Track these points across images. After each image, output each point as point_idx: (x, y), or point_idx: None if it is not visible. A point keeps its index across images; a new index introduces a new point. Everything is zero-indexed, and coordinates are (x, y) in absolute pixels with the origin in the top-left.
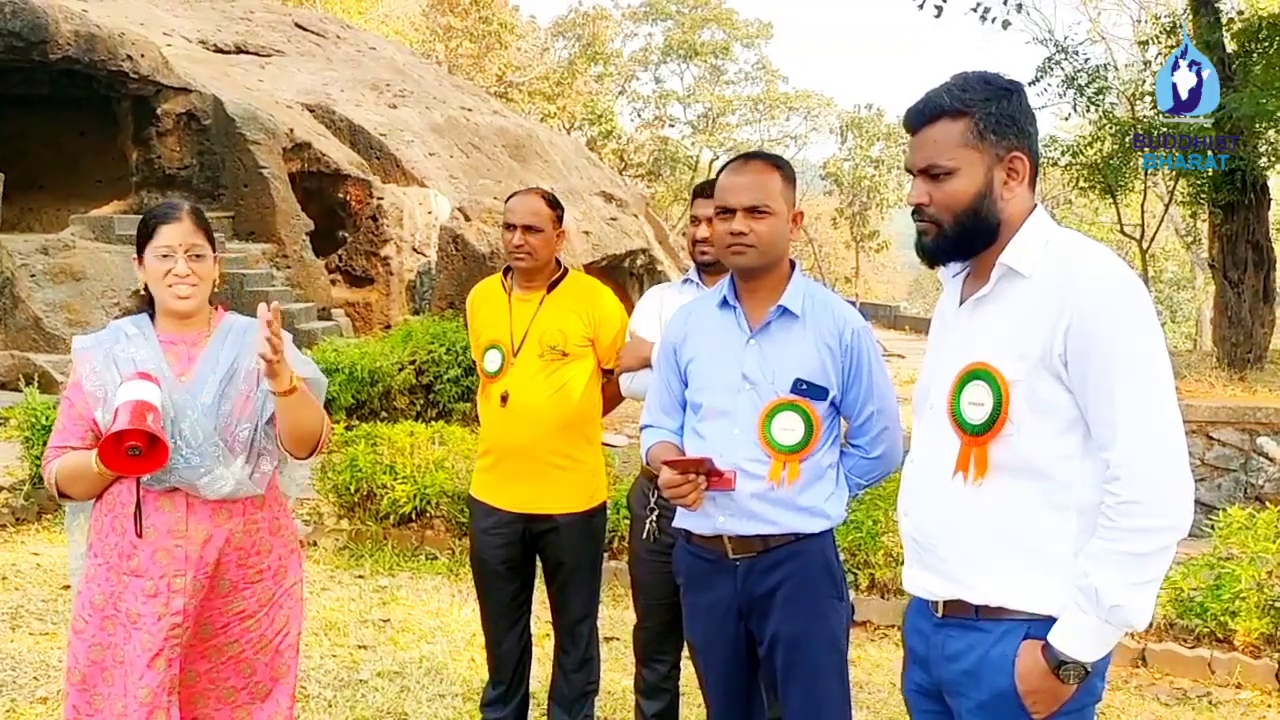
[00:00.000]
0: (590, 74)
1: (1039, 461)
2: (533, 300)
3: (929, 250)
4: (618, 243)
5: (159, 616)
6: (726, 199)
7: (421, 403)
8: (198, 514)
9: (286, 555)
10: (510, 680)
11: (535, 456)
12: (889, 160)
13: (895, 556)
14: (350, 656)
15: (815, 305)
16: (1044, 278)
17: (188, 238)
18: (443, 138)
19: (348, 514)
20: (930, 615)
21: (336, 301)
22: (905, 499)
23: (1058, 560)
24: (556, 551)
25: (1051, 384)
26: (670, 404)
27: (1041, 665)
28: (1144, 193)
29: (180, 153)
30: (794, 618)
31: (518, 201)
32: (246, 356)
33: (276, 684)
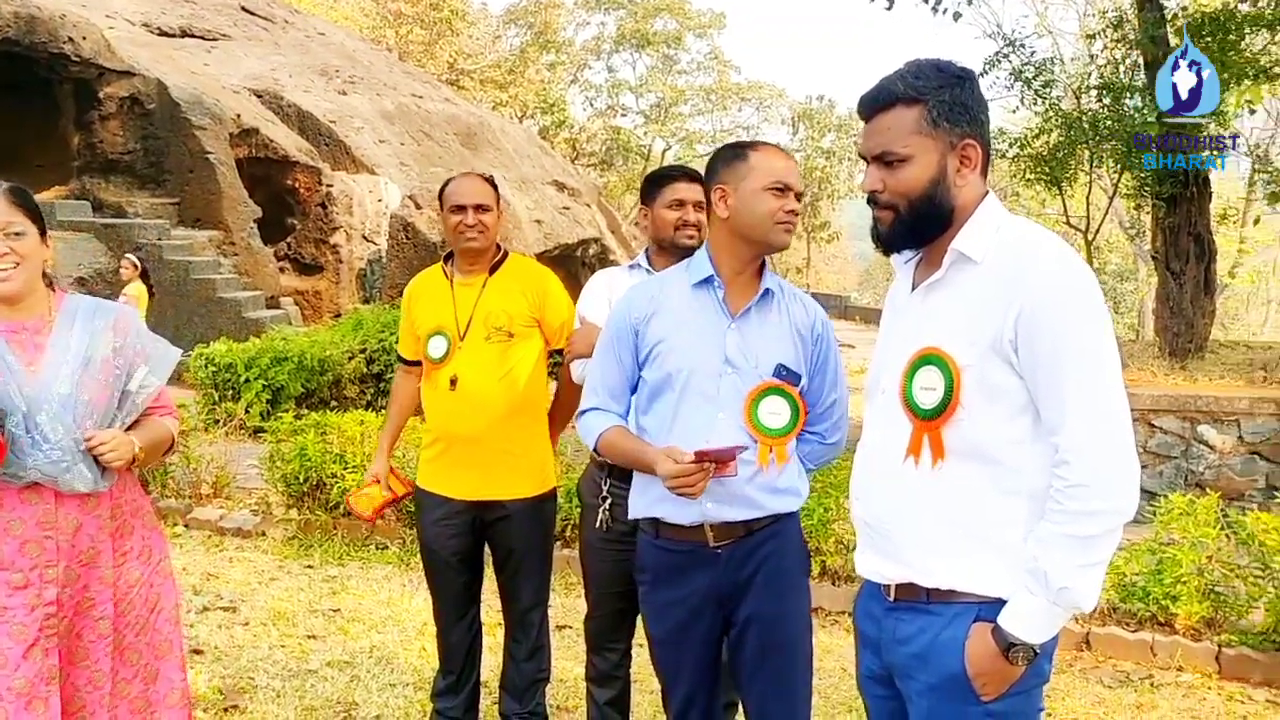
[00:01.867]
0: (542, 62)
1: (989, 446)
2: (475, 283)
3: (884, 237)
4: (570, 231)
5: (31, 608)
6: (788, 178)
7: (372, 392)
8: (66, 505)
9: (149, 533)
10: (461, 670)
11: (486, 442)
12: (840, 151)
13: (846, 544)
14: (299, 646)
15: (786, 294)
16: (996, 264)
17: (3, 215)
18: (393, 125)
19: (296, 504)
20: (882, 599)
21: (285, 290)
22: (857, 484)
23: (1007, 544)
24: (507, 539)
25: (1002, 369)
26: (620, 386)
27: (991, 647)
28: (1089, 185)
29: (123, 137)
30: (772, 597)
31: (463, 184)
32: (101, 342)
33: (161, 660)
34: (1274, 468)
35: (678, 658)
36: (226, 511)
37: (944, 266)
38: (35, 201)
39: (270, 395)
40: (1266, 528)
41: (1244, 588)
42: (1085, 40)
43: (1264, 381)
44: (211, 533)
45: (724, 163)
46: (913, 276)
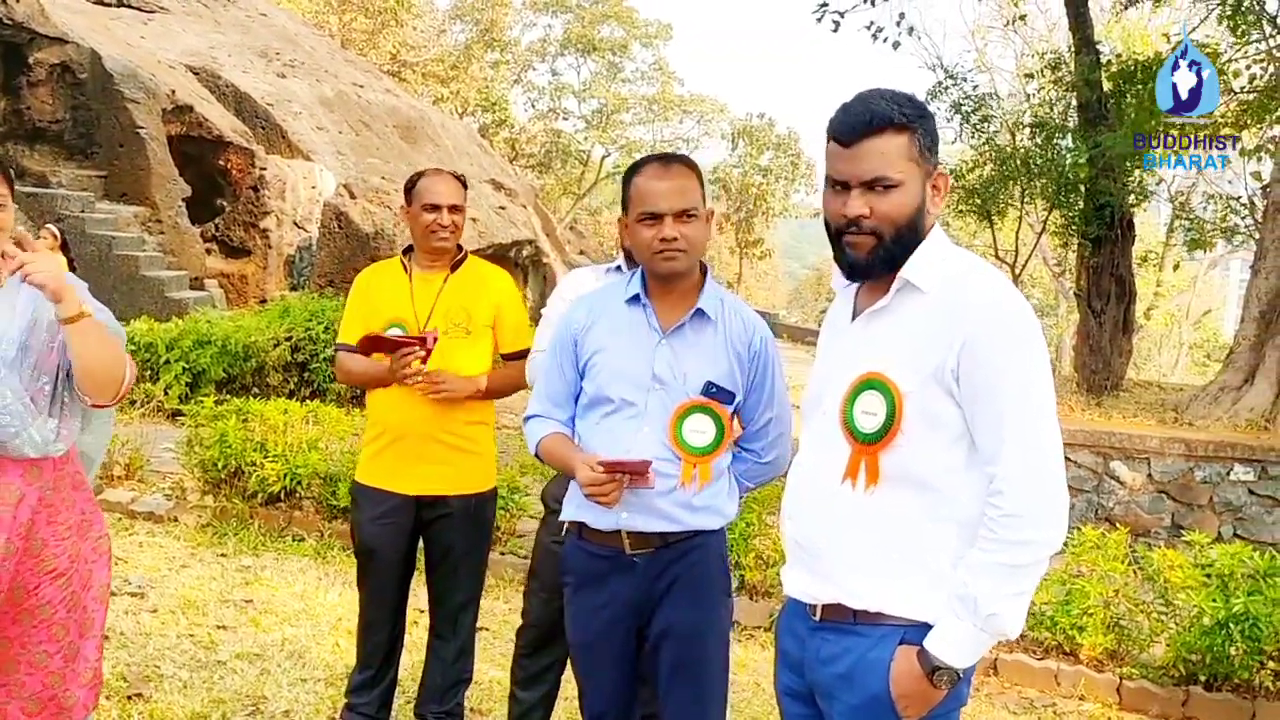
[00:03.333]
0: (486, 60)
1: (925, 473)
2: (435, 280)
3: (860, 264)
4: (504, 232)
5: None
6: (657, 204)
7: (295, 381)
8: (9, 474)
9: (89, 509)
10: (379, 666)
11: (435, 436)
12: (777, 170)
13: (766, 559)
14: (209, 637)
15: (726, 310)
16: (940, 294)
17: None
18: (332, 112)
19: (213, 490)
20: (806, 618)
21: (210, 271)
22: (790, 502)
23: (936, 569)
24: (447, 536)
25: (942, 398)
26: (563, 394)
27: (916, 670)
28: (1019, 220)
29: (52, 105)
30: (688, 611)
31: (437, 183)
32: (47, 305)
33: (83, 639)
34: (1179, 507)
35: (595, 665)
36: (138, 494)
37: (891, 294)
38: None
39: (190, 378)
40: (1172, 565)
41: (1147, 622)
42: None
43: (1174, 422)
44: (122, 515)
45: (623, 191)
46: (854, 301)
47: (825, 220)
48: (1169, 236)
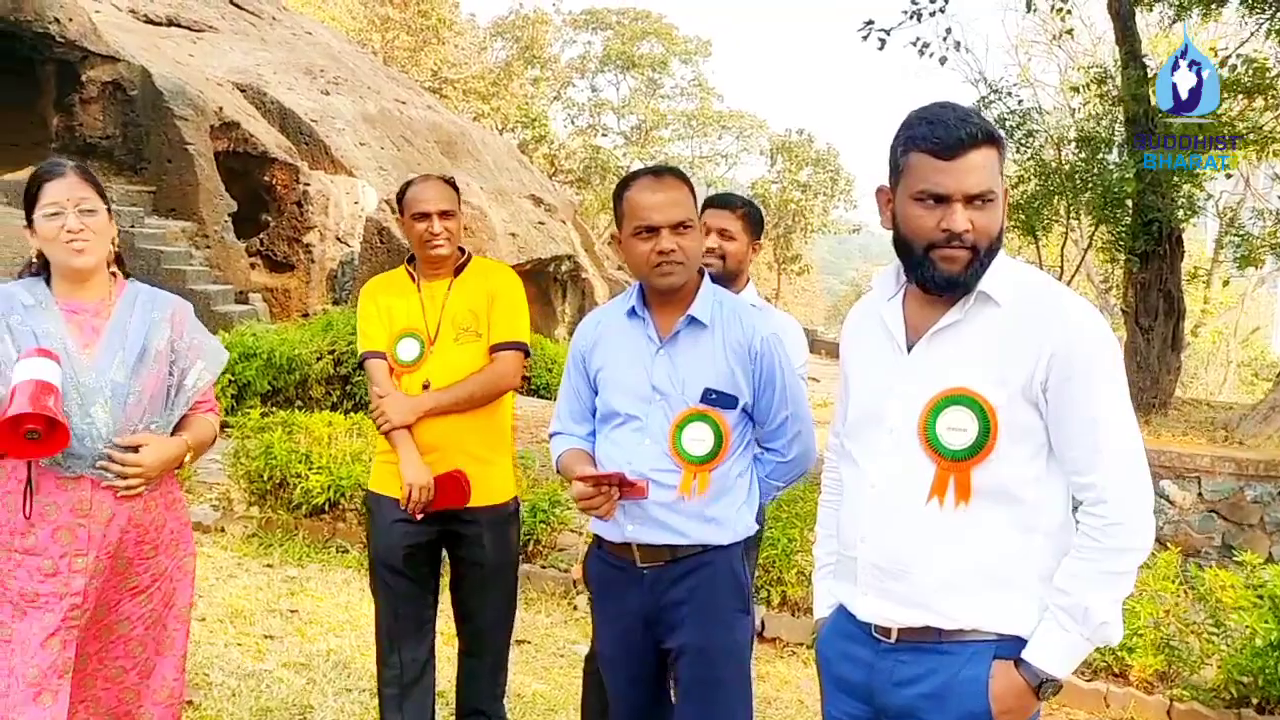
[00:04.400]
0: (527, 77)
1: (1013, 485)
2: (441, 285)
3: (957, 279)
4: (544, 247)
5: (59, 596)
6: (651, 218)
7: (338, 393)
8: (102, 494)
9: (180, 529)
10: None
11: (457, 448)
12: (816, 185)
13: (807, 575)
14: (256, 646)
15: (724, 314)
16: (1018, 306)
17: (75, 192)
18: (374, 128)
19: (259, 501)
20: (870, 641)
21: (255, 286)
22: (863, 525)
23: (1024, 582)
24: (475, 549)
25: (1028, 410)
26: (580, 411)
27: (1019, 683)
28: (1064, 236)
29: (103, 122)
30: (699, 630)
31: (426, 189)
32: (158, 334)
33: (161, 656)
34: (1230, 526)
35: (616, 675)
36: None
37: (963, 307)
38: (99, 180)
39: (236, 391)
40: (1224, 585)
41: (1198, 644)
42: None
43: (1225, 441)
44: None
45: (614, 206)
46: (905, 315)
47: (904, 238)
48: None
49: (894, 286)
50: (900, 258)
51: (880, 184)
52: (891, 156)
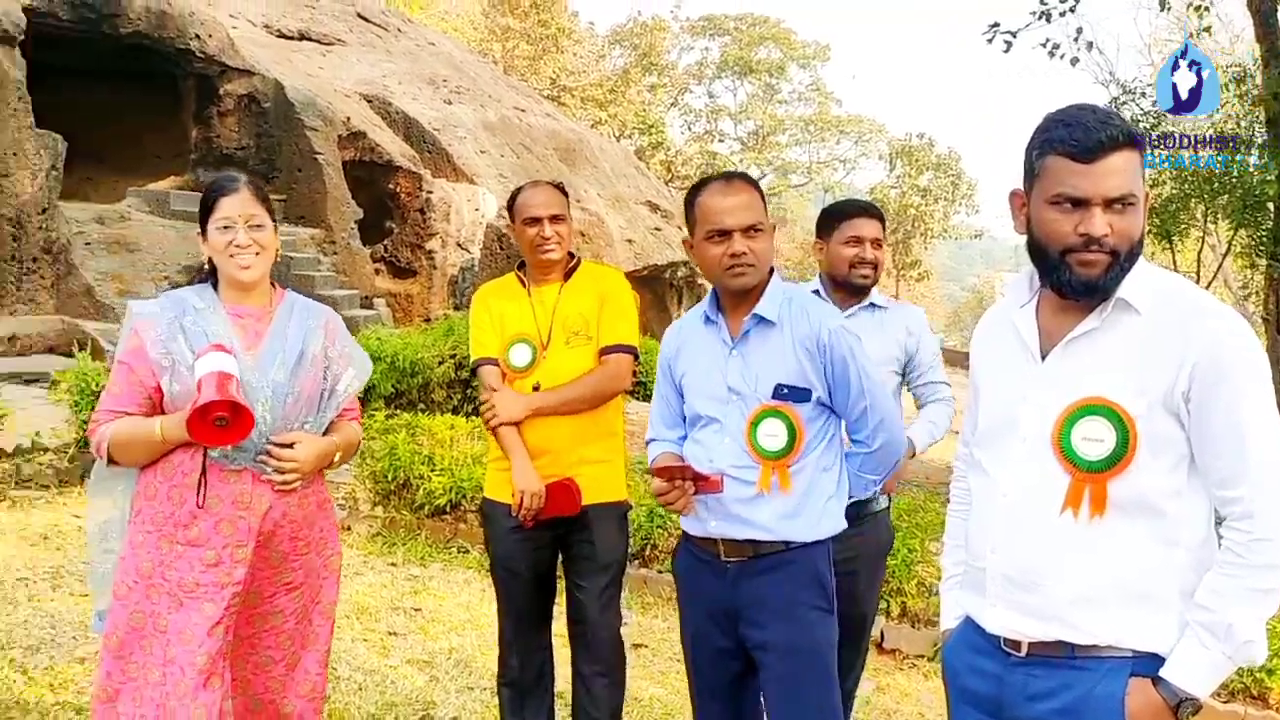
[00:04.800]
0: (644, 84)
1: (1153, 498)
2: (551, 290)
3: (1096, 285)
4: (660, 253)
5: (221, 586)
6: (724, 221)
7: (459, 397)
8: (261, 487)
9: (329, 527)
10: (530, 687)
11: (568, 452)
12: (936, 190)
13: (928, 586)
14: (381, 642)
15: (793, 310)
16: (1158, 313)
17: (246, 208)
18: (495, 136)
19: (383, 501)
20: (999, 654)
21: (379, 291)
22: (994, 535)
23: (1163, 597)
24: (585, 545)
25: (1169, 421)
26: (670, 417)
27: (1158, 702)
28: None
29: (239, 133)
30: (778, 627)
31: (536, 194)
32: (314, 340)
33: (305, 650)
34: None
35: (697, 666)
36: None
37: (1099, 315)
38: (268, 195)
39: (361, 393)
40: None
41: None
42: None
43: None
44: None
45: (685, 213)
46: (1039, 323)
47: (1039, 242)
48: None
49: (1027, 293)
50: (1035, 263)
51: (1014, 187)
52: (1027, 159)
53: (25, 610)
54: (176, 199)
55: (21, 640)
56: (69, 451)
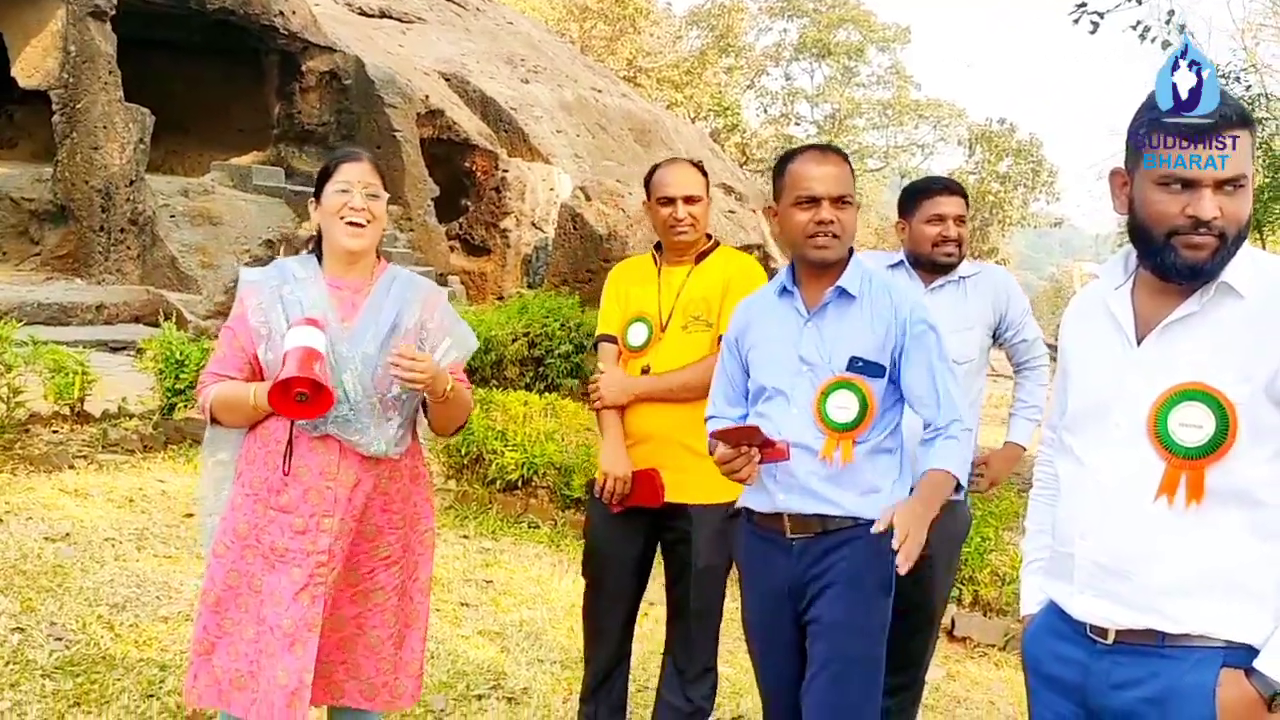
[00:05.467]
0: (720, 65)
1: (1252, 487)
2: (681, 271)
3: (1203, 267)
4: (734, 235)
5: (307, 553)
6: (813, 188)
7: (531, 375)
8: (349, 459)
9: (422, 501)
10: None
11: (674, 440)
12: (1016, 177)
13: (1001, 575)
14: (454, 612)
15: (874, 287)
16: (1262, 298)
17: (366, 176)
18: (571, 116)
19: (456, 475)
20: (1085, 642)
21: (454, 268)
22: (1083, 521)
23: (1258, 588)
24: (683, 549)
25: (1270, 408)
26: (734, 395)
27: (1251, 694)
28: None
29: (320, 109)
30: (840, 604)
31: (672, 173)
32: (410, 313)
33: (409, 628)
34: None
35: (764, 652)
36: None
37: (1201, 298)
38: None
39: None
40: None
41: None
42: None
43: None
44: None
45: (774, 180)
46: (1133, 310)
47: (1142, 223)
48: None
49: (1122, 275)
50: (1136, 244)
51: (1115, 166)
52: (1131, 137)
53: (111, 569)
54: (258, 174)
55: (108, 598)
56: (154, 418)
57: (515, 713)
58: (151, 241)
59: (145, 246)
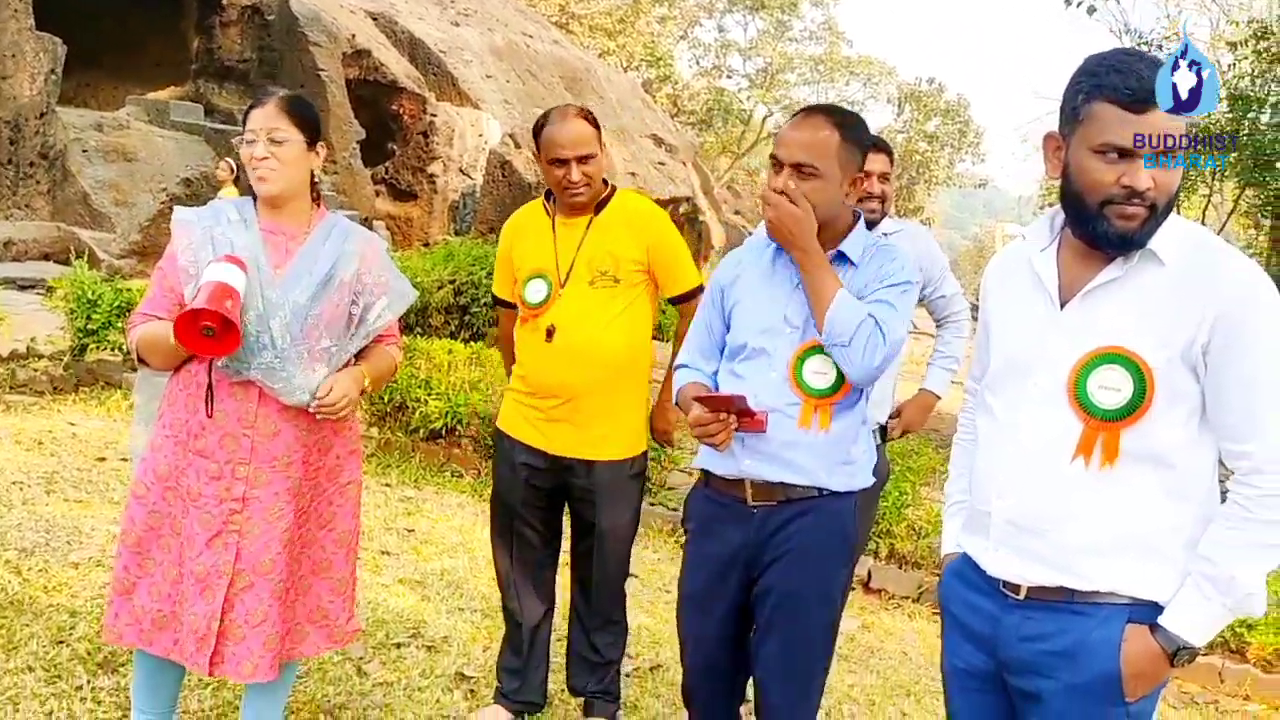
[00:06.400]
0: (654, 15)
1: (1165, 450)
2: (579, 223)
3: (1133, 236)
4: (663, 188)
5: (220, 500)
6: (778, 152)
7: (456, 323)
8: (269, 407)
9: (346, 455)
10: (530, 645)
11: (583, 399)
12: (944, 136)
13: (917, 529)
14: (374, 561)
15: (867, 255)
16: (1183, 266)
17: (269, 122)
18: (501, 61)
19: (379, 422)
20: (997, 596)
21: (379, 213)
22: (1001, 480)
23: (1164, 547)
24: (592, 505)
25: (1186, 374)
26: (709, 347)
27: (1155, 649)
28: (1206, 199)
29: (241, 45)
30: (797, 573)
31: (563, 132)
32: (346, 265)
33: (316, 578)
34: None
35: (701, 620)
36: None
37: (1125, 264)
38: (313, 113)
39: None
40: None
41: None
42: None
43: None
44: None
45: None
46: (1057, 272)
47: (1076, 190)
48: None
49: (1048, 237)
50: (1067, 210)
51: (1049, 130)
52: (1068, 102)
53: (19, 513)
54: (176, 109)
55: (16, 543)
56: (64, 359)
57: (435, 661)
58: (63, 176)
59: (56, 182)
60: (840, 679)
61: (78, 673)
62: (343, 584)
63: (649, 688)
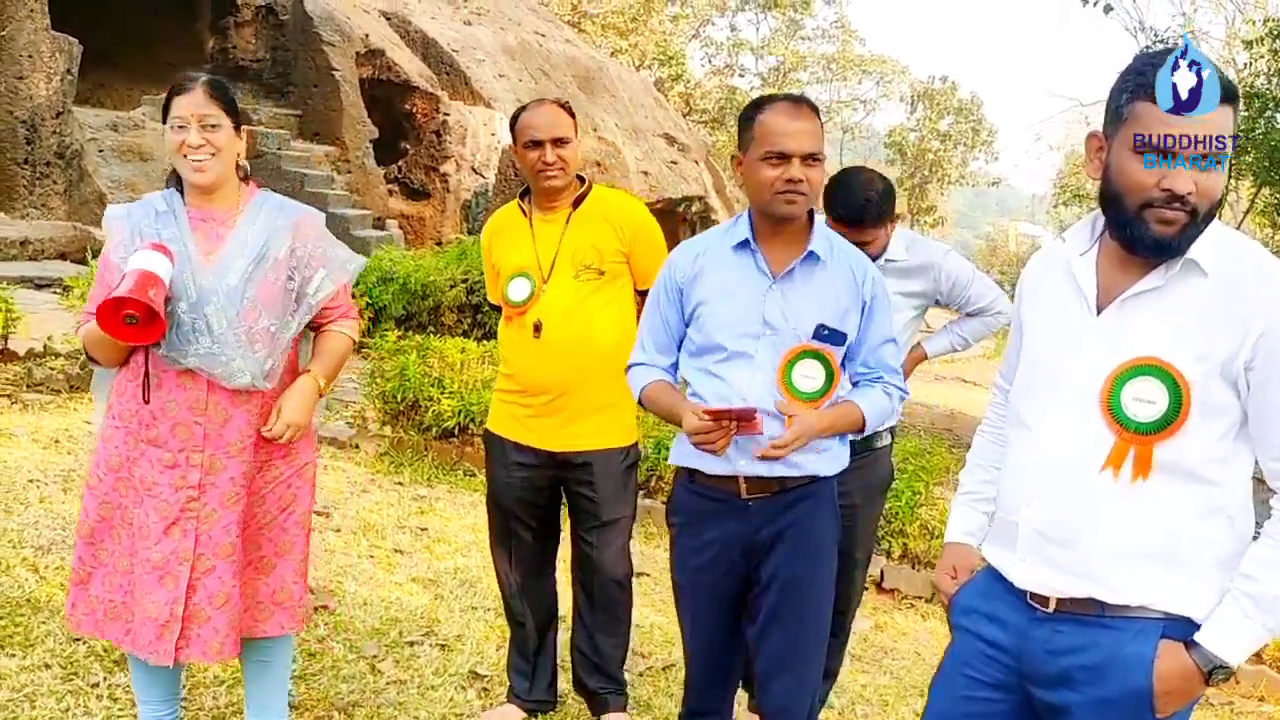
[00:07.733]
0: (666, 14)
1: (1200, 464)
2: (558, 219)
3: (1169, 244)
4: (675, 186)
5: (176, 488)
6: (786, 145)
7: (469, 322)
8: (218, 394)
9: (300, 438)
10: (536, 646)
11: (573, 394)
12: (957, 135)
13: (930, 529)
14: (387, 559)
15: (835, 252)
16: (1225, 278)
17: (200, 108)
18: (514, 60)
19: (391, 421)
20: (1025, 608)
21: (391, 212)
22: (1029, 489)
23: (1199, 563)
24: (588, 498)
25: (1225, 389)
26: (667, 343)
27: (1189, 666)
28: (1223, 199)
29: (255, 45)
30: (796, 559)
31: (538, 115)
32: (278, 241)
33: (280, 559)
34: None
35: (697, 607)
36: (323, 421)
37: (1165, 273)
38: (232, 95)
39: (373, 314)
40: None
41: None
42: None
43: None
44: None
45: (740, 127)
46: (1096, 279)
47: (1115, 191)
48: None
49: (1088, 241)
50: (1105, 212)
51: (1093, 129)
52: (1112, 101)
53: (36, 511)
54: None
55: (33, 540)
56: (80, 358)
57: (448, 659)
58: (79, 176)
59: (72, 181)
60: (853, 679)
61: (94, 670)
62: (303, 564)
63: (662, 686)
